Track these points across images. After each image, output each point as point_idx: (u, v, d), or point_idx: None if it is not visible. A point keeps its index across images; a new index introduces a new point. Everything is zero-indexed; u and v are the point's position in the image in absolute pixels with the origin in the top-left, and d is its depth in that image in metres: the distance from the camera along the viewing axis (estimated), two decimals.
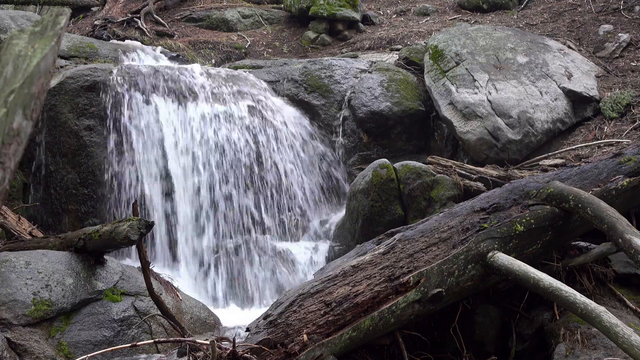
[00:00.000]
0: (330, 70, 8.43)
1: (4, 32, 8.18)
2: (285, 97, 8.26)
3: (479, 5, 10.77)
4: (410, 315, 3.73)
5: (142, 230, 4.69)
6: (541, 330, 4.20)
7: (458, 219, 4.04)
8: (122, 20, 10.90)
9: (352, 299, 3.61)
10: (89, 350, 4.56)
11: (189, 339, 3.91)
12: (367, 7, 11.59)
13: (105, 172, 7.15)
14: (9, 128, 1.36)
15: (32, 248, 5.25)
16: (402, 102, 8.06)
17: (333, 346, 3.50)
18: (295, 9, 11.03)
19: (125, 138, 7.25)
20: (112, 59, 8.64)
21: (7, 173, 1.37)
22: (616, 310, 4.10)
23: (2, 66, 1.41)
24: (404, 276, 3.71)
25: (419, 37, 9.80)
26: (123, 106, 7.33)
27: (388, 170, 6.54)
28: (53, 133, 7.22)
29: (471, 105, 7.42)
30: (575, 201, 3.90)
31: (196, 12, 11.62)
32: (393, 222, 6.11)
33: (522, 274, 3.66)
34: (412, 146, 8.13)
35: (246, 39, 10.75)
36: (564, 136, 7.43)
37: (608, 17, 9.21)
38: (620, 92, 7.45)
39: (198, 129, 7.40)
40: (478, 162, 7.22)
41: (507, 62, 7.89)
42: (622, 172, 4.24)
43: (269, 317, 3.64)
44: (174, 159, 7.22)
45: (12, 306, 4.61)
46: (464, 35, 8.38)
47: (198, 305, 5.63)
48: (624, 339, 3.17)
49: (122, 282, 5.13)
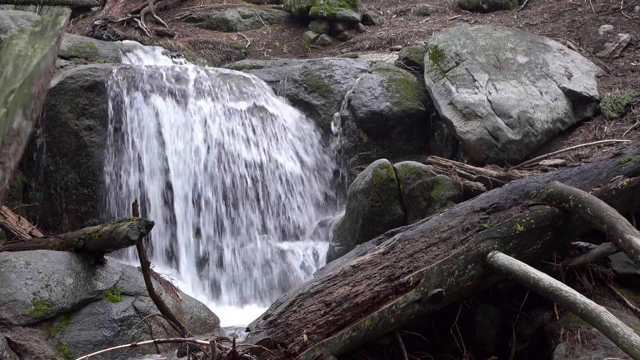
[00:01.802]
0: (330, 70, 8.43)
1: (4, 32, 8.18)
2: (285, 97, 8.26)
3: (479, 5, 10.77)
4: (410, 315, 3.73)
5: (142, 230, 4.69)
6: (541, 330, 4.20)
7: (458, 219, 4.04)
8: (122, 20, 10.90)
9: (352, 299, 3.61)
10: (89, 350, 4.56)
11: (189, 339, 3.91)
12: (367, 7, 11.59)
13: (105, 172, 7.15)
14: (9, 128, 1.36)
15: (32, 248, 5.25)
16: (402, 102, 8.06)
17: (333, 346, 3.50)
18: (295, 9, 11.03)
19: (125, 138, 7.25)
20: (112, 59, 8.64)
21: (7, 173, 1.37)
22: (616, 310, 4.10)
23: (2, 66, 1.41)
24: (404, 276, 3.71)
25: (419, 37, 9.80)
26: (123, 106, 7.33)
27: (388, 170, 6.54)
28: (53, 133, 7.22)
29: (471, 105, 7.42)
30: (575, 201, 3.90)
31: (196, 12, 11.62)
32: (393, 222, 6.11)
33: (522, 274, 3.66)
34: (412, 146, 8.13)
35: (246, 39, 10.75)
36: (564, 136, 7.42)
37: (608, 17, 9.21)
38: (620, 92, 7.45)
39: (198, 129, 7.40)
40: (478, 162, 7.22)
41: (507, 62, 7.89)
42: (622, 172, 4.24)
43: (269, 317, 3.64)
44: (174, 159, 7.22)
45: (12, 306, 4.61)
46: (464, 35, 8.38)
47: (198, 305, 5.63)
48: (624, 339, 3.17)
49: (122, 282, 5.13)
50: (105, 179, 7.14)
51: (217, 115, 7.54)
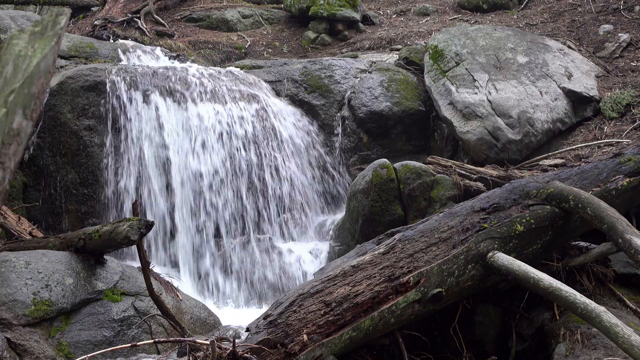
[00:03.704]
0: (330, 70, 8.43)
1: (4, 32, 8.18)
2: (285, 97, 8.26)
3: (479, 5, 10.77)
4: (410, 315, 3.73)
5: (142, 230, 4.69)
6: (541, 330, 4.20)
7: (458, 219, 4.04)
8: (122, 20, 10.90)
9: (352, 299, 3.61)
10: (89, 350, 4.56)
11: (189, 339, 3.91)
12: (367, 7, 11.59)
13: (105, 172, 7.15)
14: (9, 128, 1.36)
15: (32, 248, 5.25)
16: (402, 102, 8.07)
17: (333, 346, 3.50)
18: (295, 9, 11.03)
19: (125, 138, 7.25)
20: (112, 59, 8.64)
21: (7, 173, 1.37)
22: (616, 310, 4.11)
23: (2, 66, 1.41)
24: (404, 276, 3.71)
25: (419, 37, 9.80)
26: (123, 106, 7.33)
27: (388, 170, 6.54)
28: (53, 133, 7.22)
29: (471, 105, 7.42)
30: (575, 201, 3.90)
31: (196, 12, 11.62)
32: (393, 222, 6.11)
33: (522, 274, 3.66)
34: (412, 146, 8.12)
35: (246, 39, 10.75)
36: (564, 136, 7.42)
37: (608, 17, 9.21)
38: (620, 92, 7.45)
39: (198, 129, 7.40)
40: (478, 162, 7.22)
41: (507, 62, 7.89)
42: (622, 172, 4.24)
43: (269, 317, 3.64)
44: (175, 159, 7.22)
45: (12, 306, 4.61)
46: (464, 35, 8.38)
47: (198, 305, 5.62)
48: (624, 339, 3.17)
49: (122, 282, 5.13)
50: (105, 179, 7.14)
51: (218, 115, 7.54)
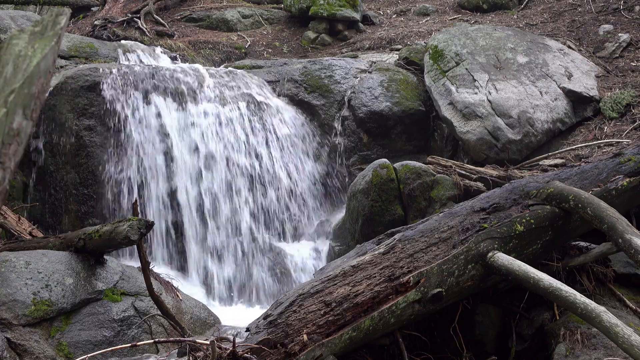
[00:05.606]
0: (330, 70, 8.43)
1: (4, 32, 8.18)
2: (285, 97, 8.26)
3: (479, 5, 10.77)
4: (410, 315, 3.73)
5: (142, 230, 4.69)
6: (541, 330, 4.20)
7: (458, 219, 4.04)
8: (122, 20, 10.90)
9: (352, 299, 3.61)
10: (89, 350, 4.56)
11: (189, 339, 3.91)
12: (367, 7, 11.59)
13: (105, 171, 7.15)
14: (9, 128, 1.36)
15: (32, 248, 5.25)
16: (402, 102, 8.07)
17: (333, 346, 3.50)
18: (295, 9, 11.03)
19: (125, 138, 7.25)
20: (112, 59, 8.64)
21: (7, 173, 1.37)
22: (616, 310, 4.10)
23: (2, 66, 1.41)
24: (404, 276, 3.71)
25: (419, 37, 9.80)
26: (123, 106, 7.33)
27: (388, 170, 6.54)
28: (53, 133, 7.22)
29: (471, 105, 7.42)
30: (575, 201, 3.90)
31: (196, 12, 11.62)
32: (393, 222, 6.11)
33: (522, 274, 3.66)
34: (412, 146, 8.12)
35: (246, 39, 10.75)
36: (564, 136, 7.42)
37: (608, 17, 9.21)
38: (620, 92, 7.45)
39: (199, 129, 7.40)
40: (478, 162, 7.22)
41: (507, 62, 7.89)
42: (622, 172, 4.24)
43: (269, 317, 3.64)
44: (175, 159, 7.22)
45: (12, 306, 4.61)
46: (464, 35, 8.38)
47: (198, 305, 5.63)
48: (624, 339, 3.17)
49: (122, 282, 5.13)
50: (105, 179, 7.14)
51: (218, 115, 7.54)
